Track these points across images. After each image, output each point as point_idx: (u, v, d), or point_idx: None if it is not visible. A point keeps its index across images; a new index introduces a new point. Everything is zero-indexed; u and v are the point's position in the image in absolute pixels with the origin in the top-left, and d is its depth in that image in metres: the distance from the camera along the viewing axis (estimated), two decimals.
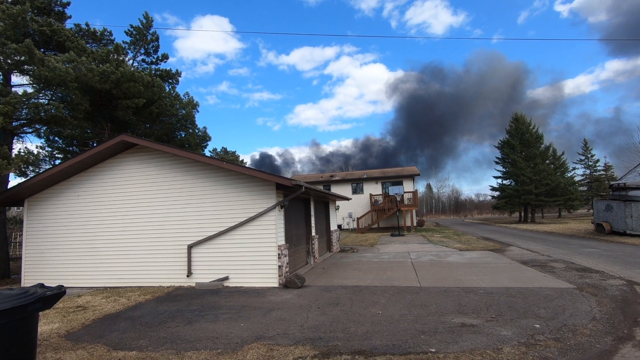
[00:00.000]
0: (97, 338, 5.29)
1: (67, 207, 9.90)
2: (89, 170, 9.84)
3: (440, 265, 10.45)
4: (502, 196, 39.32)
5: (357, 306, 6.33)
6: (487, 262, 10.88)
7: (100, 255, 9.49)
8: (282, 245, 8.49)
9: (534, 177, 34.86)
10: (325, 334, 4.98)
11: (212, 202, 8.82)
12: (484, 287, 7.39)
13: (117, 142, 8.97)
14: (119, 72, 11.30)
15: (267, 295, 7.47)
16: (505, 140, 38.76)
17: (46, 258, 9.88)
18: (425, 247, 15.73)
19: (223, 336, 5.07)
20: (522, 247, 14.57)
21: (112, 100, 12.35)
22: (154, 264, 9.06)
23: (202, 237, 8.71)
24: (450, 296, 6.78)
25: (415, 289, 7.57)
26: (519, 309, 5.80)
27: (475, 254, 12.91)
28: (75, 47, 11.42)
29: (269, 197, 8.39)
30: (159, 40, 14.92)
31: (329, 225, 15.11)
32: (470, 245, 15.77)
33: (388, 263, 11.36)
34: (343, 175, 35.35)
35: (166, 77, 15.81)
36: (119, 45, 12.23)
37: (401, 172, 32.36)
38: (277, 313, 6.12)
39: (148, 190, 9.35)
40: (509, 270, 9.27)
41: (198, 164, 8.96)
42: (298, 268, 10.42)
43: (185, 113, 17.30)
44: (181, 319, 6.05)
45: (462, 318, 5.44)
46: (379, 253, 14.11)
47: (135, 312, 6.60)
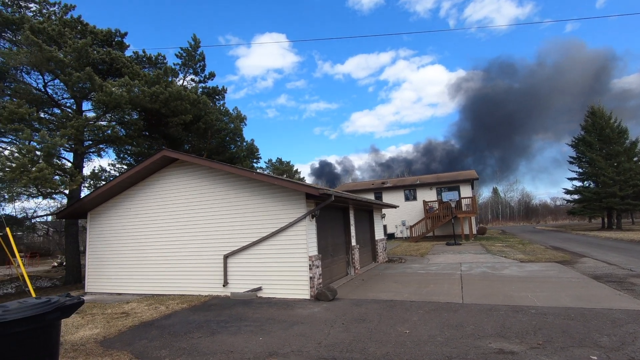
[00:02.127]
0: (126, 345, 5.51)
1: (121, 219, 10.74)
2: (139, 184, 10.59)
3: (492, 279, 9.44)
4: (579, 200, 35.08)
5: (385, 324, 5.86)
6: (549, 276, 9.59)
7: (149, 265, 10.10)
8: (313, 256, 8.28)
9: (617, 178, 30.58)
10: (341, 353, 4.64)
11: (245, 212, 8.93)
12: (537, 306, 6.45)
13: (160, 157, 9.53)
14: (167, 92, 12.16)
15: (295, 307, 7.29)
16: (581, 137, 34.64)
17: (105, 266, 10.78)
18: (481, 257, 14.43)
19: (238, 350, 4.98)
20: (597, 259, 12.68)
21: (162, 118, 13.32)
22: (194, 273, 9.39)
23: (237, 248, 8.84)
24: (493, 315, 6.01)
25: (455, 305, 6.85)
26: (575, 334, 4.90)
27: (537, 266, 11.50)
28: (130, 72, 12.55)
29: (298, 207, 8.26)
30: (205, 60, 15.89)
31: (373, 235, 14.57)
32: (534, 256, 14.13)
33: (434, 275, 10.56)
34: (395, 181, 34.27)
35: (213, 94, 16.72)
36: (169, 67, 13.20)
37: (457, 176, 30.45)
38: (299, 327, 5.90)
39: (188, 202, 9.77)
40: (574, 287, 8.04)
41: (232, 176, 9.17)
42: (336, 279, 10.11)
43: (234, 127, 18.04)
44: (206, 329, 6.10)
45: (501, 343, 4.74)
46: (428, 264, 13.23)
47: (168, 321, 6.82)
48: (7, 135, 11.58)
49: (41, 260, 27.64)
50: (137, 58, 15.02)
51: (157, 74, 12.67)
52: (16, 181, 9.82)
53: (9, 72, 11.55)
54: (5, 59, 10.89)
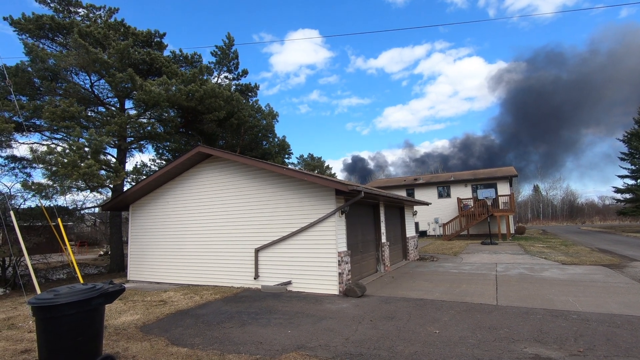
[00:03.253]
0: (163, 332, 5.81)
1: (160, 212, 11.28)
2: (176, 179, 11.06)
3: (531, 281, 9.01)
4: (630, 199, 32.60)
5: (414, 322, 5.78)
6: (594, 279, 9.01)
7: (185, 256, 10.55)
8: (342, 252, 8.29)
9: None
10: (368, 350, 4.63)
11: (276, 207, 9.09)
12: (579, 312, 6.09)
13: (195, 153, 9.90)
14: (202, 90, 12.58)
15: (324, 302, 7.35)
16: (634, 131, 32.12)
17: (145, 257, 11.39)
18: (519, 258, 13.81)
19: (267, 342, 5.10)
20: None
21: (197, 115, 13.81)
22: (227, 265, 9.70)
23: (267, 242, 9.03)
24: (530, 319, 5.75)
25: (489, 307, 6.62)
26: (621, 343, 4.59)
27: (581, 269, 10.84)
28: (169, 72, 13.10)
29: (328, 203, 8.29)
30: (238, 58, 16.26)
31: (404, 232, 14.34)
32: (578, 258, 13.32)
33: (467, 275, 10.25)
34: (428, 178, 33.45)
35: (246, 91, 17.08)
36: (204, 66, 13.63)
37: (495, 173, 29.23)
38: (327, 322, 5.95)
39: (222, 196, 10.09)
40: (621, 292, 7.51)
41: (263, 171, 9.35)
42: (365, 276, 10.07)
43: (266, 123, 18.35)
44: (237, 320, 6.30)
45: (537, 348, 4.53)
46: (461, 263, 12.85)
47: (202, 310, 7.11)
48: (60, 132, 12.48)
49: (89, 249, 29.68)
50: (175, 57, 15.64)
51: (193, 72, 13.13)
52: (68, 176, 10.59)
53: (60, 73, 12.42)
54: (56, 61, 11.73)
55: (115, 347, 5.09)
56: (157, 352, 4.87)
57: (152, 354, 4.80)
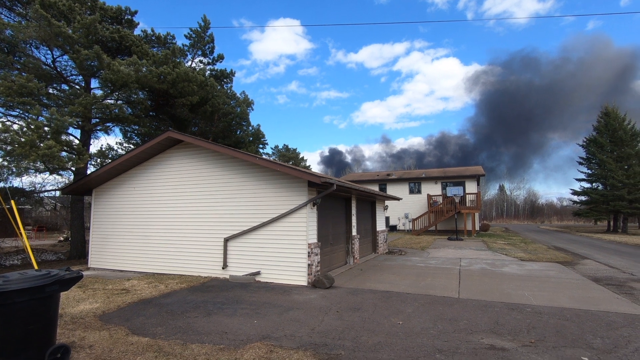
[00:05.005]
0: (124, 321, 5.62)
1: (125, 197, 10.84)
2: (144, 164, 10.65)
3: (491, 276, 9.43)
4: (586, 201, 34.70)
5: (379, 314, 5.90)
6: (549, 276, 9.55)
7: (151, 244, 10.23)
8: (312, 243, 8.32)
9: (627, 181, 30.12)
10: (333, 340, 4.69)
11: (247, 197, 8.97)
12: (533, 305, 6.44)
13: (164, 138, 9.56)
14: (174, 73, 12.11)
15: (292, 293, 7.36)
16: (592, 137, 34.04)
17: (108, 243, 10.94)
18: (482, 254, 14.40)
19: (232, 332, 5.05)
20: (599, 262, 12.58)
21: (169, 99, 13.31)
22: (195, 254, 9.50)
23: (237, 232, 8.91)
24: (488, 312, 6.01)
25: (451, 300, 6.87)
26: (568, 335, 4.90)
27: (538, 265, 11.45)
28: (139, 52, 12.50)
29: (300, 194, 8.27)
30: (214, 42, 15.75)
31: (374, 226, 14.58)
32: (535, 255, 14.06)
33: (433, 269, 10.58)
34: (400, 174, 34.11)
35: (221, 77, 16.62)
36: (177, 47, 13.11)
37: (464, 172, 30.23)
38: (293, 313, 5.97)
39: (192, 184, 9.83)
40: (573, 288, 8.01)
41: (235, 160, 9.18)
42: (334, 268, 10.17)
43: (240, 111, 17.98)
44: (203, 309, 6.20)
45: (493, 339, 4.75)
46: (428, 257, 13.25)
47: (167, 299, 6.94)
48: (16, 109, 11.66)
49: (48, 235, 28.18)
50: (146, 37, 14.93)
51: (166, 54, 12.60)
52: (25, 157, 9.94)
53: (18, 45, 11.56)
54: (14, 32, 10.89)
55: (71, 337, 4.87)
56: (115, 341, 4.71)
57: (111, 343, 4.63)
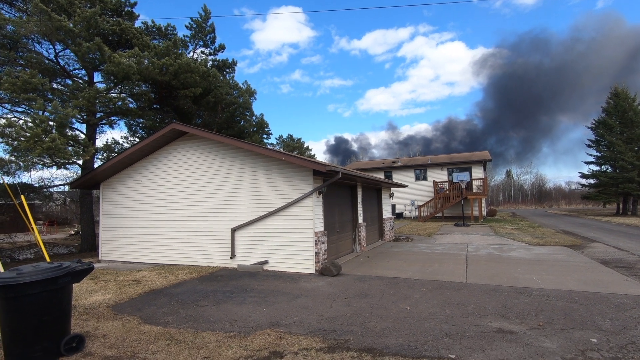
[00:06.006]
0: (136, 311, 5.73)
1: (133, 190, 10.94)
2: (150, 157, 10.70)
3: (498, 261, 9.42)
4: (594, 184, 34.30)
5: (387, 300, 5.94)
6: (557, 259, 9.51)
7: (160, 235, 10.35)
8: (319, 232, 8.35)
9: (637, 163, 29.68)
10: (342, 326, 4.74)
11: (253, 187, 8.99)
12: (541, 289, 6.43)
13: (169, 130, 9.57)
14: (176, 64, 12.06)
15: (300, 281, 7.43)
16: (601, 119, 33.44)
17: (118, 236, 11.10)
18: (489, 239, 14.37)
19: (242, 319, 5.13)
20: (608, 244, 12.50)
21: (172, 90, 13.28)
22: (203, 245, 9.60)
23: (244, 221, 8.96)
24: (496, 296, 6.02)
25: (458, 285, 6.89)
26: (577, 317, 4.89)
27: (546, 249, 11.41)
28: (140, 44, 12.44)
29: (306, 183, 8.27)
30: (215, 32, 15.60)
31: (381, 213, 14.59)
32: (543, 239, 14.00)
33: (440, 255, 10.59)
34: (406, 161, 33.94)
35: (223, 67, 16.52)
36: (178, 39, 13.01)
37: (470, 157, 29.97)
38: (302, 300, 6.03)
39: (198, 175, 9.87)
40: (581, 271, 7.97)
41: (240, 150, 9.18)
42: (341, 255, 10.23)
43: (243, 101, 17.91)
44: (213, 298, 6.29)
45: (501, 322, 4.77)
46: (434, 244, 13.26)
47: (177, 289, 7.05)
48: (21, 105, 11.73)
49: (59, 229, 28.66)
50: (147, 29, 14.83)
51: (167, 45, 12.52)
52: (30, 150, 10.03)
53: (20, 41, 11.56)
54: (15, 27, 10.88)
55: (85, 327, 4.98)
56: (128, 330, 4.81)
57: (124, 332, 4.73)
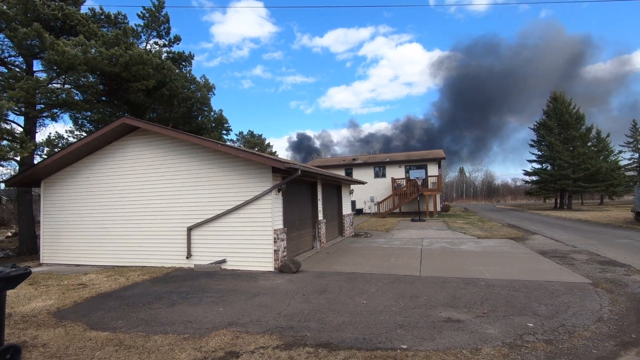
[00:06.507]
0: (81, 317, 5.39)
1: (79, 188, 10.23)
2: (98, 153, 10.06)
3: (450, 254, 9.94)
4: (536, 181, 37.16)
5: (344, 295, 6.07)
6: (502, 251, 10.21)
7: (110, 236, 9.78)
8: (279, 229, 8.33)
9: (571, 161, 32.53)
10: (299, 323, 4.78)
11: (210, 184, 8.76)
12: (487, 279, 6.88)
13: (119, 125, 9.05)
14: (127, 55, 11.39)
15: (258, 279, 7.38)
16: (542, 121, 36.29)
17: (62, 237, 10.33)
18: (443, 233, 15.10)
19: (197, 320, 5.00)
20: (547, 236, 13.62)
21: (123, 83, 12.55)
22: (157, 245, 9.21)
23: (201, 220, 8.72)
24: (446, 287, 6.36)
25: (412, 278, 7.18)
26: (517, 304, 5.30)
27: (493, 242, 12.20)
28: (86, 31, 11.60)
29: (265, 180, 8.19)
30: (169, 22, 14.91)
31: (340, 209, 14.81)
32: (491, 232, 14.96)
33: (397, 249, 10.97)
34: (365, 158, 34.67)
35: (179, 60, 15.87)
36: (129, 28, 12.28)
37: (426, 155, 31.23)
38: (260, 298, 5.99)
39: (152, 172, 9.44)
40: (523, 261, 8.63)
41: (196, 147, 8.90)
42: (301, 252, 10.27)
43: (201, 96, 17.34)
44: (167, 300, 6.07)
45: (450, 312, 5.05)
46: (392, 239, 13.70)
47: (128, 292, 6.72)
48: None
49: None
50: (94, 16, 13.84)
51: (116, 34, 11.77)
52: None
53: None
54: None
55: (22, 336, 4.61)
56: (72, 338, 4.52)
57: (67, 340, 4.44)
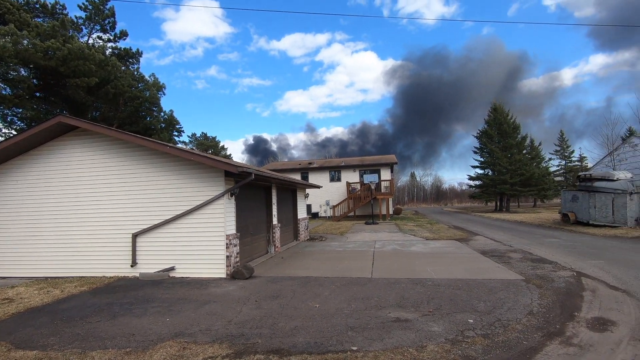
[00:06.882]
0: (6, 335, 4.87)
1: (6, 192, 9.26)
2: (32, 153, 9.19)
3: (401, 255, 10.32)
4: (479, 185, 39.82)
5: (297, 299, 6.07)
6: (448, 252, 10.80)
7: (42, 244, 8.95)
8: (231, 234, 8.13)
9: (509, 167, 35.30)
10: (251, 330, 4.69)
11: (158, 189, 8.35)
12: (433, 279, 7.24)
13: (55, 123, 8.34)
14: (65, 49, 10.50)
15: (209, 286, 7.14)
16: (484, 130, 39.02)
17: None
18: (394, 236, 15.65)
19: (141, 333, 4.73)
20: (488, 237, 14.63)
21: (60, 78, 11.55)
22: (98, 253, 8.59)
23: (148, 226, 8.27)
24: (396, 288, 6.60)
25: (364, 280, 7.36)
26: (459, 302, 5.63)
27: (440, 243, 12.86)
28: (17, 20, 10.54)
29: (217, 184, 7.98)
30: (115, 17, 13.99)
31: (296, 213, 14.80)
32: (438, 234, 15.76)
33: (350, 252, 11.18)
34: (321, 162, 35.01)
35: (125, 56, 14.94)
36: (68, 19, 11.35)
37: (379, 160, 32.23)
38: (210, 306, 5.80)
39: (93, 175, 8.79)
40: (466, 261, 9.19)
41: (143, 149, 8.44)
42: (255, 257, 10.11)
43: (150, 95, 16.50)
44: (107, 312, 5.67)
45: (399, 312, 5.24)
46: (346, 242, 13.93)
47: (62, 305, 6.18)
48: None
49: None
50: (28, 4, 12.62)
51: (53, 25, 10.82)
52: None
53: None
54: None
55: None
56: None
57: None
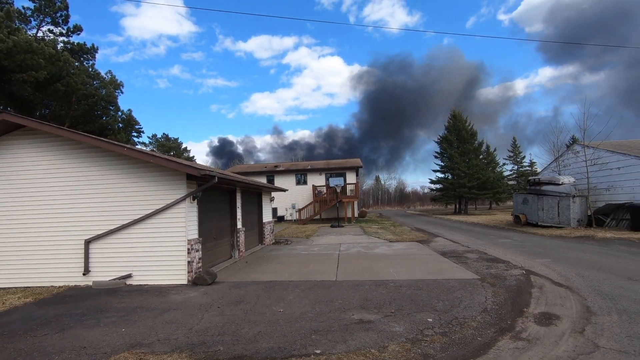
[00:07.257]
0: None
1: None
2: None
3: (365, 258, 10.49)
4: (440, 189, 41.42)
5: (261, 304, 5.99)
6: (410, 253, 11.13)
7: None
8: (193, 239, 7.89)
9: (467, 171, 37.05)
10: (213, 337, 4.57)
11: (115, 192, 7.93)
12: (396, 280, 7.43)
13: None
14: (10, 41, 9.73)
15: (169, 294, 6.88)
16: (444, 135, 40.73)
17: None
18: (359, 238, 15.88)
19: (93, 345, 4.46)
20: (447, 238, 15.24)
21: (5, 73, 10.68)
22: (46, 261, 8.00)
23: (103, 231, 7.83)
24: (360, 290, 6.70)
25: (329, 283, 7.41)
26: (420, 302, 5.82)
27: (402, 245, 13.22)
28: None
29: (178, 188, 7.72)
30: (68, 10, 13.09)
31: (261, 217, 14.63)
32: (401, 236, 16.20)
33: (316, 256, 11.21)
34: (287, 165, 34.90)
35: (79, 52, 14.10)
36: (14, 9, 10.51)
37: (345, 164, 32.65)
38: (170, 315, 5.59)
39: (41, 177, 8.19)
40: (427, 262, 9.51)
41: (98, 150, 8.00)
42: (218, 262, 9.87)
43: (106, 93, 15.67)
44: (55, 325, 5.29)
45: (362, 314, 5.32)
46: (311, 245, 13.96)
47: (4, 319, 5.69)
48: None
49: None
50: None
51: None
52: None
53: None
54: None
55: None
56: None
57: None
